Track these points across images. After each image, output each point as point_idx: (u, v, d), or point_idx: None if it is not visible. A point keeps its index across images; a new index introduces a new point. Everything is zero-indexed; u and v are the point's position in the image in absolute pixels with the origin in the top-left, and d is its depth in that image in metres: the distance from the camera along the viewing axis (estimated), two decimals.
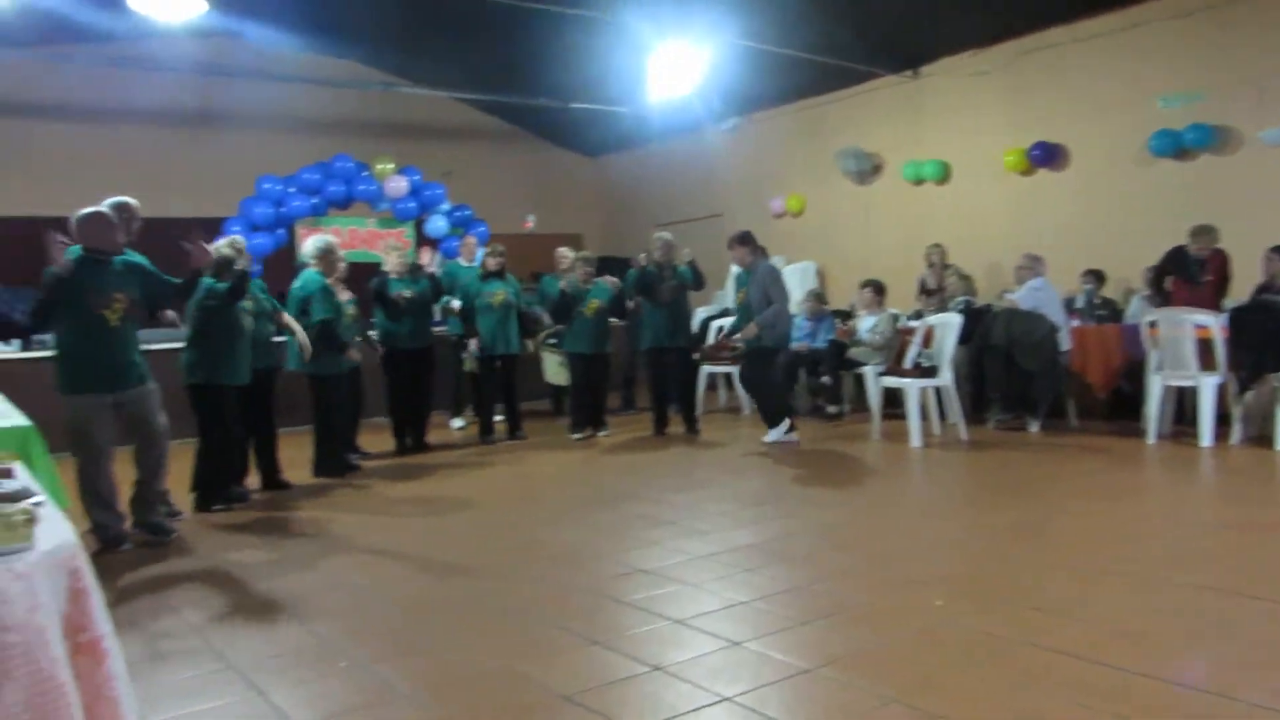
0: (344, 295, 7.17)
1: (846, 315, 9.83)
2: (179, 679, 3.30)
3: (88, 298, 4.96)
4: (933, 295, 9.39)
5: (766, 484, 6.42)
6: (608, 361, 8.58)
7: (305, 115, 12.07)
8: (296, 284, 7.01)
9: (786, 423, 7.75)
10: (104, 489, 5.10)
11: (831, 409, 8.93)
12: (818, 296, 9.59)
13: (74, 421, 4.99)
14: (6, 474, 2.33)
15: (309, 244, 7.16)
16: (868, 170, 11.28)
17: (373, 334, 7.91)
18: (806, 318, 9.41)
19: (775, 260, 11.93)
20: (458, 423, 9.38)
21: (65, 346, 5.04)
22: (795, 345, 9.24)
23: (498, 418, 8.62)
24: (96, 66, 10.73)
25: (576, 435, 8.30)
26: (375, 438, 8.24)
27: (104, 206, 5.11)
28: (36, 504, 1.91)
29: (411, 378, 7.91)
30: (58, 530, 1.84)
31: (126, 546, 5.15)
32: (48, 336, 8.57)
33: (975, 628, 3.46)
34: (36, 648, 1.57)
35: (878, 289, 8.83)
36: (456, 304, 8.56)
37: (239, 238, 6.50)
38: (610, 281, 8.39)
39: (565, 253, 9.59)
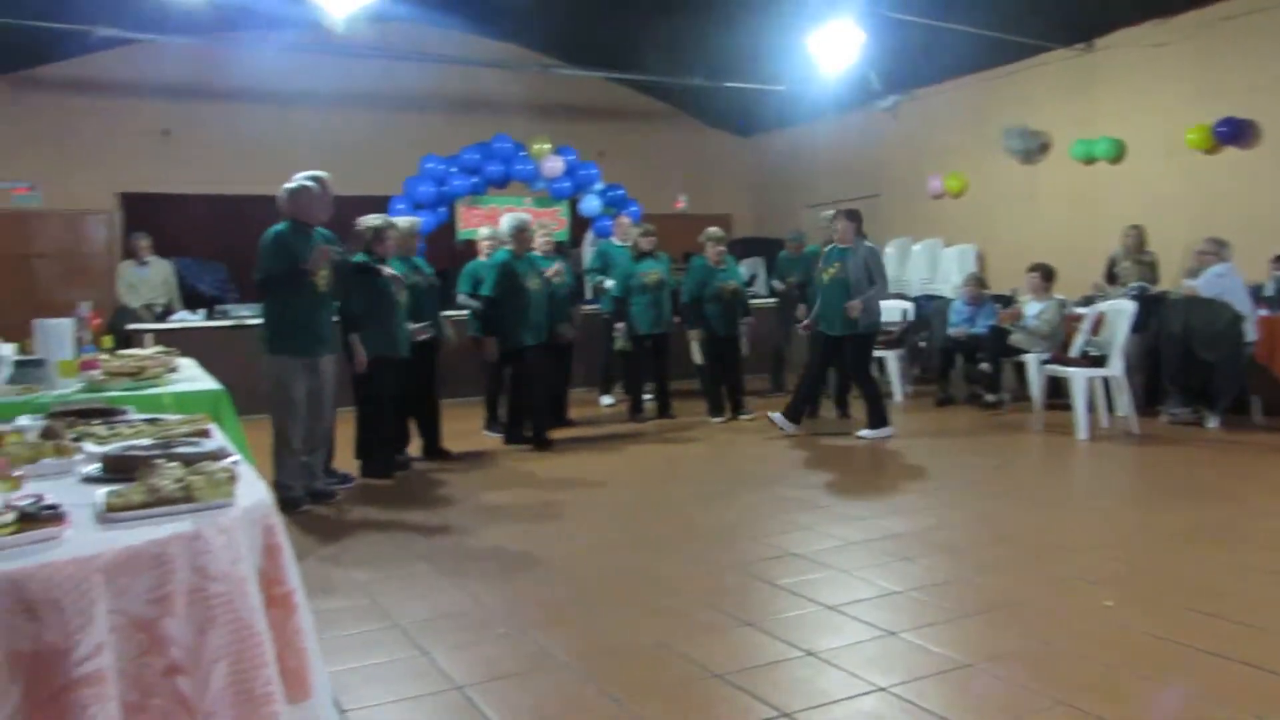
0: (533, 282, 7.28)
1: (1007, 300, 9.46)
2: (348, 634, 3.46)
3: (304, 262, 5.23)
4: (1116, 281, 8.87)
5: (921, 471, 6.25)
6: (737, 344, 8.48)
7: (466, 96, 12.39)
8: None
9: (890, 428, 7.40)
10: (298, 449, 5.38)
11: (990, 397, 8.63)
12: (978, 280, 9.26)
13: (277, 379, 5.27)
14: (205, 434, 2.48)
15: (503, 221, 7.35)
16: (1034, 149, 10.80)
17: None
18: (965, 302, 9.10)
19: (932, 242, 11.65)
20: (607, 400, 9.49)
21: (278, 309, 5.32)
22: (953, 330, 8.98)
23: (647, 396, 8.69)
24: (274, 52, 11.27)
25: (717, 419, 8.27)
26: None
27: (307, 180, 5.38)
28: (234, 463, 2.03)
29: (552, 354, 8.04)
30: (254, 488, 1.95)
31: (303, 509, 5.42)
32: (229, 306, 9.25)
33: (1150, 632, 3.28)
34: (237, 598, 1.67)
35: (1046, 273, 8.45)
36: (609, 283, 8.65)
37: (410, 219, 6.76)
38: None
39: (715, 233, 9.57)
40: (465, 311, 7.61)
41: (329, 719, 2.11)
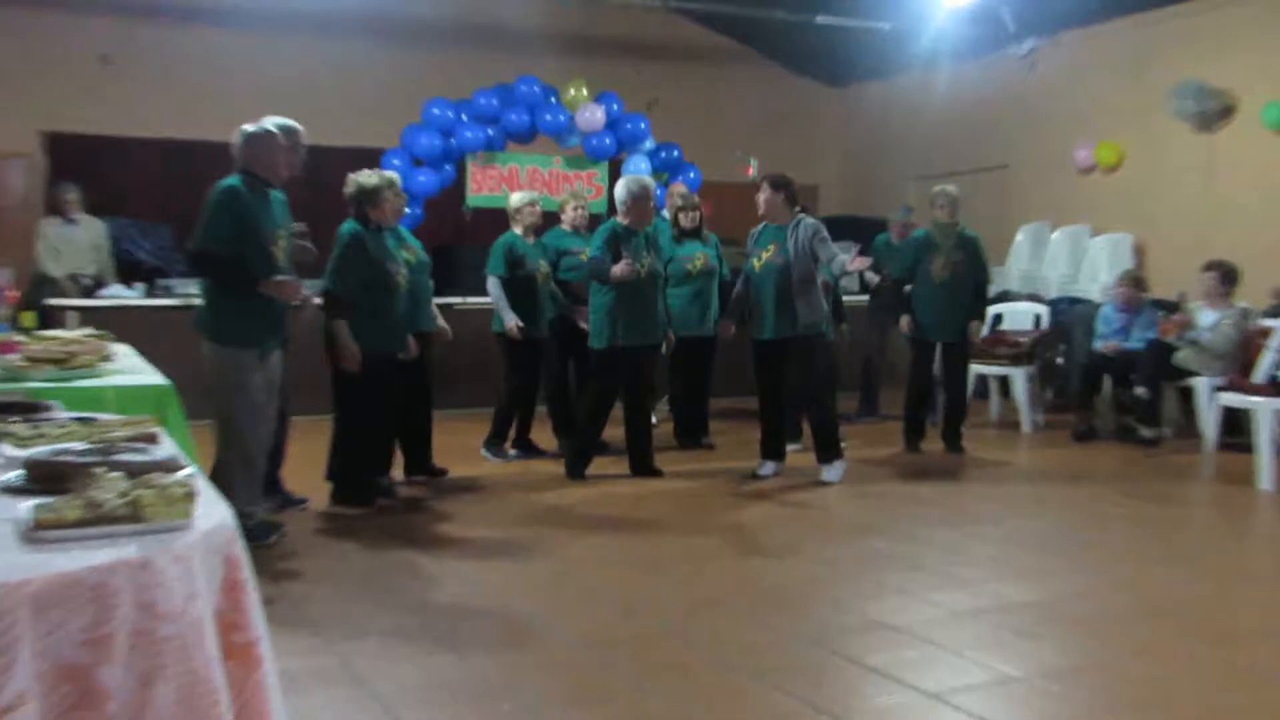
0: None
1: (1173, 307, 9.35)
2: (310, 703, 3.49)
3: (263, 229, 5.24)
4: None
5: (1054, 524, 6.23)
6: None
7: (484, 26, 12.45)
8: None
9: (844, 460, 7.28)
10: (257, 464, 5.39)
11: (1147, 432, 8.52)
12: (1134, 280, 9.15)
13: (227, 379, 5.21)
14: (152, 439, 2.53)
15: (620, 185, 7.36)
16: (1213, 112, 10.67)
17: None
18: (1118, 307, 9.01)
19: (1076, 230, 11.54)
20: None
21: (224, 288, 5.27)
22: (1101, 345, 8.90)
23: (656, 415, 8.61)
24: None
25: (793, 446, 8.21)
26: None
27: (273, 126, 5.37)
28: (191, 476, 2.07)
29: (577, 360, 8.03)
30: (214, 509, 1.99)
31: (272, 540, 5.38)
32: (174, 280, 9.37)
33: None
34: (192, 644, 1.70)
35: (1227, 275, 8.36)
36: (659, 269, 8.65)
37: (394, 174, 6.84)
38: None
39: None
40: (487, 300, 7.67)
41: None
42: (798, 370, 7.08)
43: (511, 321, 7.44)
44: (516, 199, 7.77)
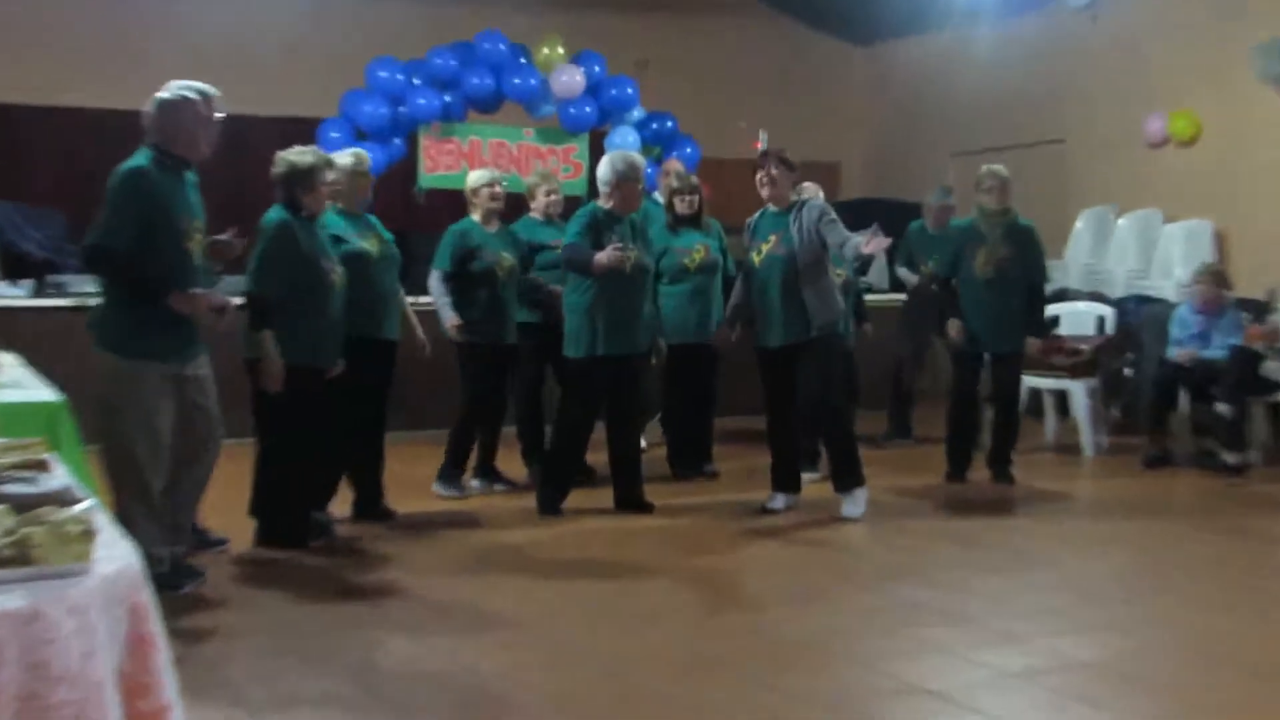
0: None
1: (1262, 308, 9.39)
2: None
3: (177, 220, 5.22)
4: None
5: (1120, 568, 6.27)
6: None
7: None
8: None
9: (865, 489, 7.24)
10: (161, 500, 5.33)
11: (1230, 457, 8.55)
12: (1215, 276, 9.17)
13: (126, 399, 5.16)
14: (41, 466, 2.53)
15: (604, 163, 7.32)
16: None
17: None
18: (1196, 309, 9.03)
19: (1147, 215, 11.58)
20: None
21: (127, 289, 5.23)
22: (1177, 353, 8.92)
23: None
24: None
25: (810, 475, 8.20)
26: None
27: (190, 91, 5.32)
28: (89, 511, 2.07)
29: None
30: (117, 550, 1.99)
31: (189, 588, 5.39)
32: (68, 277, 9.34)
33: None
34: (91, 711, 1.70)
35: None
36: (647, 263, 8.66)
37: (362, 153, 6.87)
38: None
39: (810, 189, 9.56)
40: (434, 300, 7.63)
41: None
42: (814, 379, 7.06)
43: (450, 320, 7.40)
44: (474, 179, 7.75)
